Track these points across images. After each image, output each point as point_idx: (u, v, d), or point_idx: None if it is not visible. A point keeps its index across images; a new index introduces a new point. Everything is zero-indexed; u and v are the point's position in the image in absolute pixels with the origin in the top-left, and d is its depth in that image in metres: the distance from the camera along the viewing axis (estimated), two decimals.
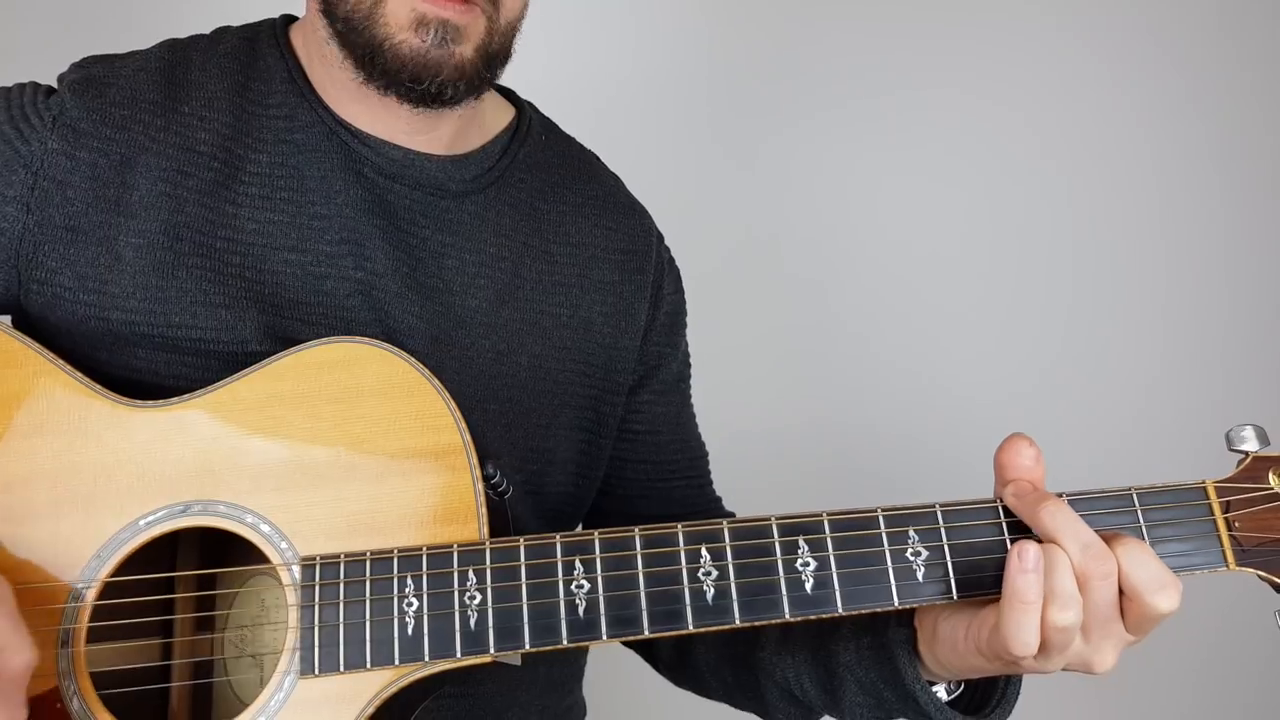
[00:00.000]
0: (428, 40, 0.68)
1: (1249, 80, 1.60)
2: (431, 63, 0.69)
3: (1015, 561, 0.56)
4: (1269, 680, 1.59)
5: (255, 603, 0.69)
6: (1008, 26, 1.58)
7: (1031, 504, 0.58)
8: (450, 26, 0.68)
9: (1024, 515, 0.59)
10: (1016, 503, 0.60)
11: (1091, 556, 0.56)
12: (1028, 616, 0.56)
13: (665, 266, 0.89)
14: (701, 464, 0.92)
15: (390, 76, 0.70)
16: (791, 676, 0.73)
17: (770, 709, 0.77)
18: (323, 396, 0.63)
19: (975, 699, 0.68)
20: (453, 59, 0.69)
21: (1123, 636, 0.58)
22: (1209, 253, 1.60)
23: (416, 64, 0.69)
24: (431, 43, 0.68)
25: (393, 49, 0.69)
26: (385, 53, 0.69)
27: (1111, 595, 0.56)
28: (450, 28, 0.68)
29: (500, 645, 0.58)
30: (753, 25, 1.56)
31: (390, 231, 0.74)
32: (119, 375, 0.67)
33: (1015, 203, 1.58)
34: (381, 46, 0.69)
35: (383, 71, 0.70)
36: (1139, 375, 1.58)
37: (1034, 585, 0.56)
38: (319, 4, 0.73)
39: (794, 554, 0.59)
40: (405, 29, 0.68)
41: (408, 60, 0.69)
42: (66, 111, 0.70)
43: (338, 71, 0.74)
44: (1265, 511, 0.60)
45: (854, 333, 1.56)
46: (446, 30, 0.68)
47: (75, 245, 0.69)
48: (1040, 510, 0.58)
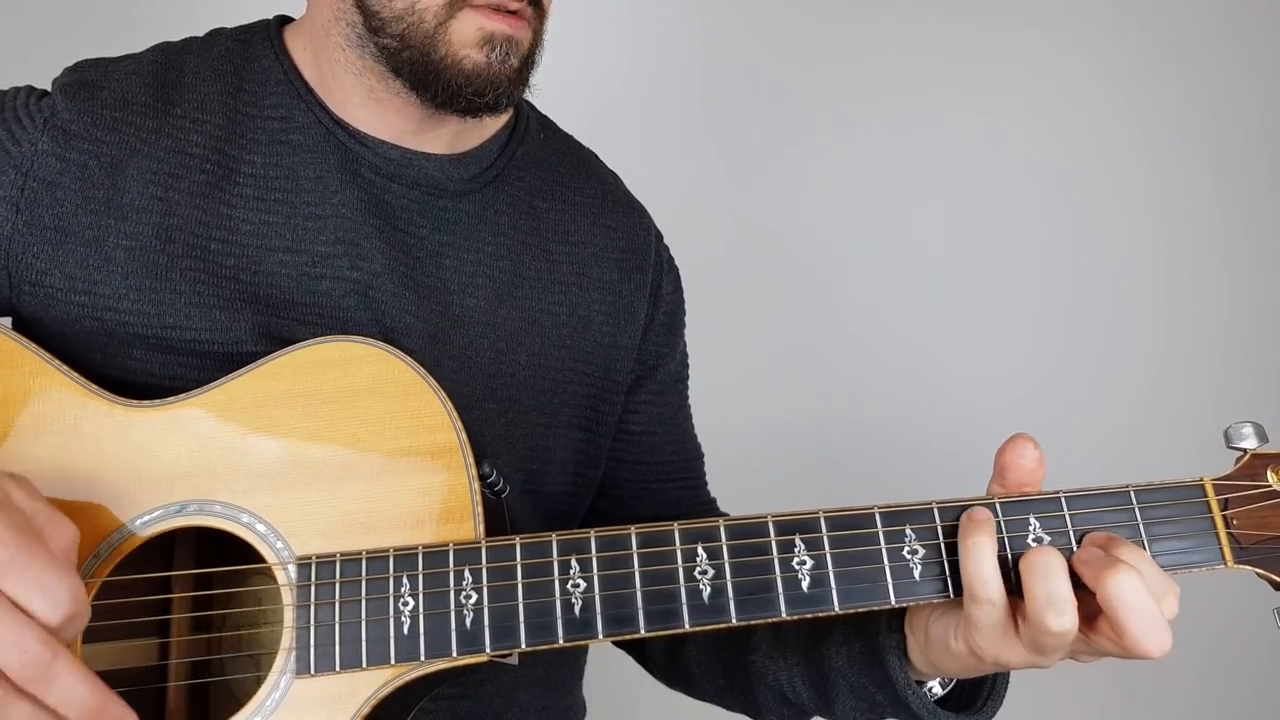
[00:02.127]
0: (493, 57, 0.70)
1: (1248, 80, 1.60)
2: (495, 77, 0.70)
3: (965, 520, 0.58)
4: (1268, 679, 1.58)
5: (252, 602, 0.69)
6: (1008, 26, 1.58)
7: (1099, 570, 0.55)
8: (514, 42, 0.70)
9: (1087, 579, 0.56)
10: (1083, 568, 0.56)
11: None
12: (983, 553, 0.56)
13: (665, 266, 0.89)
14: (697, 466, 0.92)
15: (453, 92, 0.71)
16: (784, 679, 0.73)
17: (762, 710, 0.77)
18: (319, 396, 0.63)
19: (966, 695, 0.68)
20: (509, 72, 0.71)
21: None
22: (1208, 252, 1.60)
23: (482, 79, 0.70)
24: (495, 59, 0.70)
25: (457, 65, 0.70)
26: (449, 69, 0.70)
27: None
28: (513, 43, 0.70)
29: (496, 645, 0.58)
30: (751, 23, 1.56)
31: (387, 231, 0.74)
32: (114, 376, 0.67)
33: (1014, 201, 1.58)
34: (443, 63, 0.70)
35: (445, 87, 0.70)
36: (1137, 373, 1.58)
37: (979, 529, 0.57)
38: (359, 19, 0.72)
39: (790, 553, 0.59)
40: (470, 46, 0.69)
41: (473, 77, 0.70)
42: (58, 113, 0.71)
43: (351, 77, 0.74)
44: (1264, 509, 0.60)
45: (851, 331, 1.56)
46: (510, 46, 0.70)
47: (64, 246, 0.69)
48: (1110, 582, 0.54)
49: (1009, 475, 0.60)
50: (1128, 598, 0.53)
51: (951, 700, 0.68)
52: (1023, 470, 0.60)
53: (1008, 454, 0.60)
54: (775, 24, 1.56)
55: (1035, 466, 0.60)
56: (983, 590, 0.56)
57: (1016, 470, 0.60)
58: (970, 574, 0.56)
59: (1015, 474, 0.60)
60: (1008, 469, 0.60)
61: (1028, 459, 0.60)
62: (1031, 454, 0.60)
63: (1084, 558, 0.57)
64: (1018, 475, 0.60)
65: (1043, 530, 0.59)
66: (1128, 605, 0.53)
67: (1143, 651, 0.54)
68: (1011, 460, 0.60)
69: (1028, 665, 0.59)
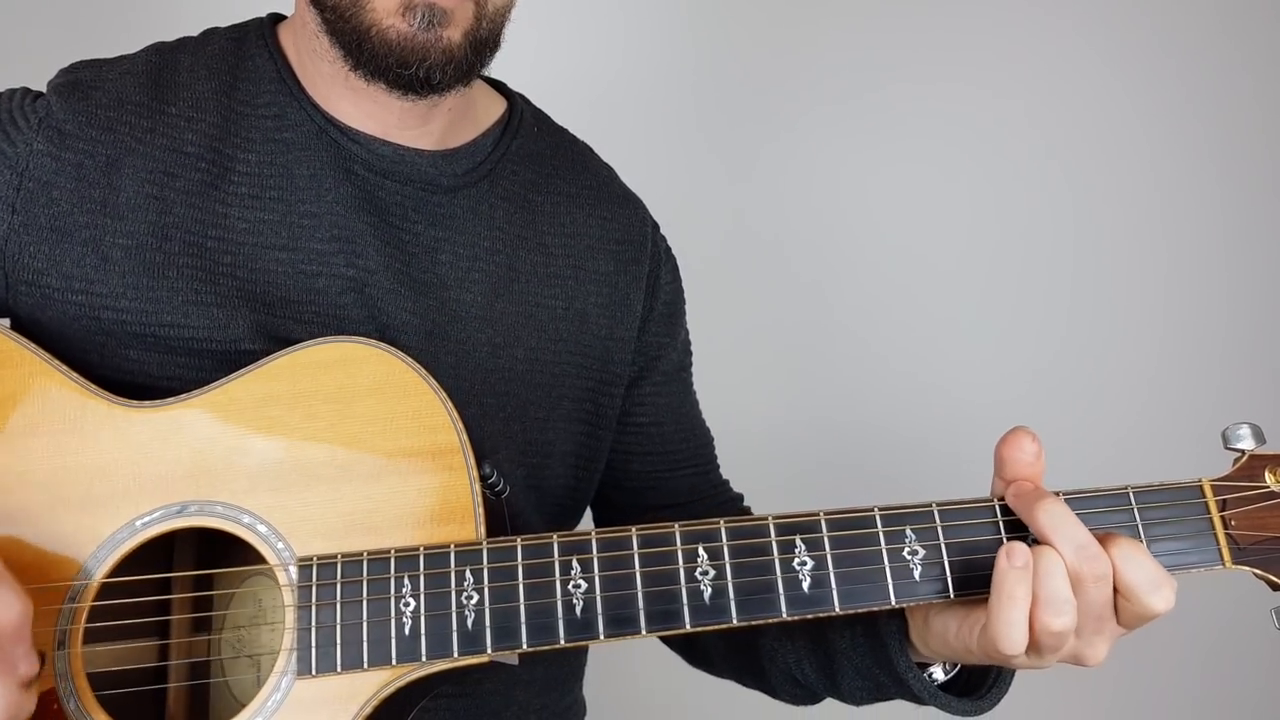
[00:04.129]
0: (415, 24, 0.68)
1: (1249, 80, 1.60)
2: (418, 46, 0.68)
3: (1003, 559, 0.56)
4: (1267, 678, 1.59)
5: (252, 603, 0.69)
6: (1007, 24, 1.58)
7: (1029, 502, 0.58)
8: (437, 10, 0.68)
9: (1021, 513, 0.59)
10: (1015, 501, 0.59)
11: (1086, 558, 0.56)
12: (1015, 613, 0.55)
13: (662, 256, 0.89)
14: (707, 451, 0.92)
15: (378, 62, 0.69)
16: (793, 661, 0.74)
17: (775, 690, 0.79)
18: (319, 396, 0.63)
19: (972, 679, 0.68)
20: (440, 43, 0.69)
21: (1115, 631, 0.58)
22: (1206, 251, 1.60)
23: (404, 48, 0.68)
24: (418, 26, 0.68)
25: (380, 34, 0.68)
26: (373, 38, 0.69)
27: (1106, 596, 0.56)
28: (437, 11, 0.68)
29: (497, 645, 0.58)
30: (747, 18, 1.56)
31: (381, 228, 0.74)
32: (111, 377, 0.67)
33: (1014, 200, 1.58)
34: (369, 32, 0.69)
35: (370, 57, 0.69)
36: (1136, 374, 1.58)
37: (1020, 581, 0.55)
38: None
39: (791, 553, 0.59)
40: (392, 14, 0.68)
41: (394, 44, 0.68)
42: (53, 114, 0.71)
43: (327, 65, 0.74)
44: (1261, 510, 0.60)
45: (850, 330, 1.56)
46: (433, 14, 0.68)
47: (61, 246, 0.69)
48: (1037, 509, 0.57)
49: (1007, 469, 0.60)
50: (1055, 521, 0.56)
51: (955, 686, 0.68)
52: (1021, 464, 0.60)
53: (1006, 448, 0.60)
54: (772, 18, 1.56)
55: (1034, 460, 0.60)
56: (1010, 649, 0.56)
57: (1015, 464, 0.60)
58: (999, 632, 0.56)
59: (1014, 468, 0.60)
60: (1006, 463, 0.60)
61: (1026, 453, 0.60)
62: (1030, 448, 0.60)
63: (1016, 490, 0.59)
64: (1016, 469, 0.60)
65: None
66: (1055, 530, 0.56)
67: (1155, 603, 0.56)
68: (1010, 454, 0.60)
69: (1026, 666, 0.59)
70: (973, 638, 0.59)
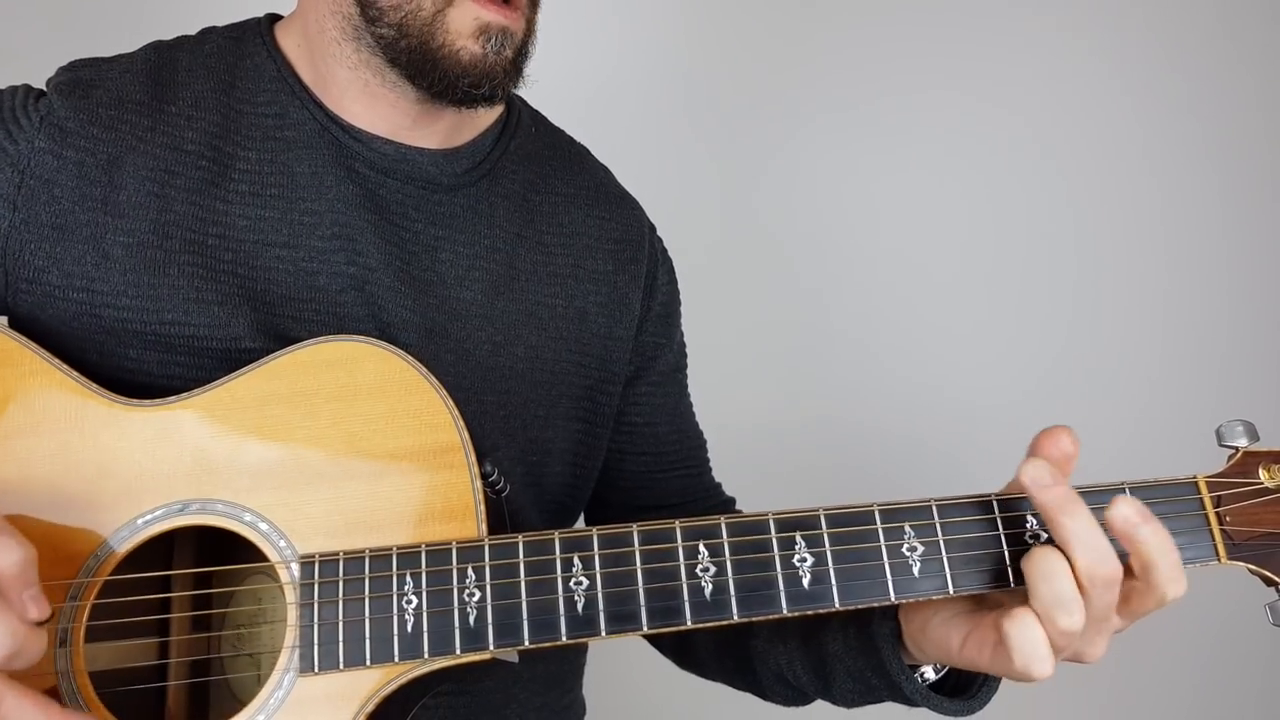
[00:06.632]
0: (488, 48, 0.70)
1: (1249, 80, 1.61)
2: (490, 68, 0.71)
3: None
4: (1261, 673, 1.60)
5: (252, 602, 0.69)
6: (1007, 26, 1.59)
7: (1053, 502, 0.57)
8: (509, 33, 0.71)
9: (1042, 509, 0.57)
10: (1036, 492, 0.57)
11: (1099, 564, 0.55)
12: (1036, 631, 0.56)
13: (659, 257, 0.90)
14: (700, 454, 0.93)
15: (448, 81, 0.71)
16: (784, 663, 0.74)
17: (767, 692, 0.79)
18: (320, 395, 0.63)
19: (961, 679, 0.69)
20: (503, 63, 0.71)
21: (1115, 626, 0.59)
22: (1206, 252, 1.61)
23: (478, 70, 0.71)
24: (492, 49, 0.70)
25: (453, 56, 0.70)
26: (445, 59, 0.70)
27: (1113, 599, 0.57)
28: (508, 34, 0.71)
29: (500, 642, 0.58)
30: (744, 20, 1.56)
31: (382, 226, 0.74)
32: (112, 376, 0.67)
33: (1013, 199, 1.59)
34: (440, 53, 0.70)
35: (441, 77, 0.71)
36: (1132, 373, 1.59)
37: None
38: (355, 10, 0.72)
39: (791, 550, 0.60)
40: (466, 36, 0.70)
41: (469, 67, 0.70)
42: (54, 112, 0.71)
43: (346, 71, 0.74)
44: (1255, 506, 0.61)
45: (847, 331, 1.56)
46: (505, 37, 0.71)
47: (62, 244, 0.69)
48: (1060, 514, 0.56)
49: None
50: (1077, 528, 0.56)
51: (944, 686, 0.69)
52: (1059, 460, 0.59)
53: (1043, 446, 0.60)
54: (769, 21, 1.56)
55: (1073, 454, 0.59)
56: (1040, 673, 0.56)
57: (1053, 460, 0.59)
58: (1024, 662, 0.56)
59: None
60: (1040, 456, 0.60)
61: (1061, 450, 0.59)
62: (1067, 446, 0.59)
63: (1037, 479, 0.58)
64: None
65: (1039, 527, 0.60)
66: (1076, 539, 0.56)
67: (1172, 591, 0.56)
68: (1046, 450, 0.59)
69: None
70: (984, 657, 0.59)
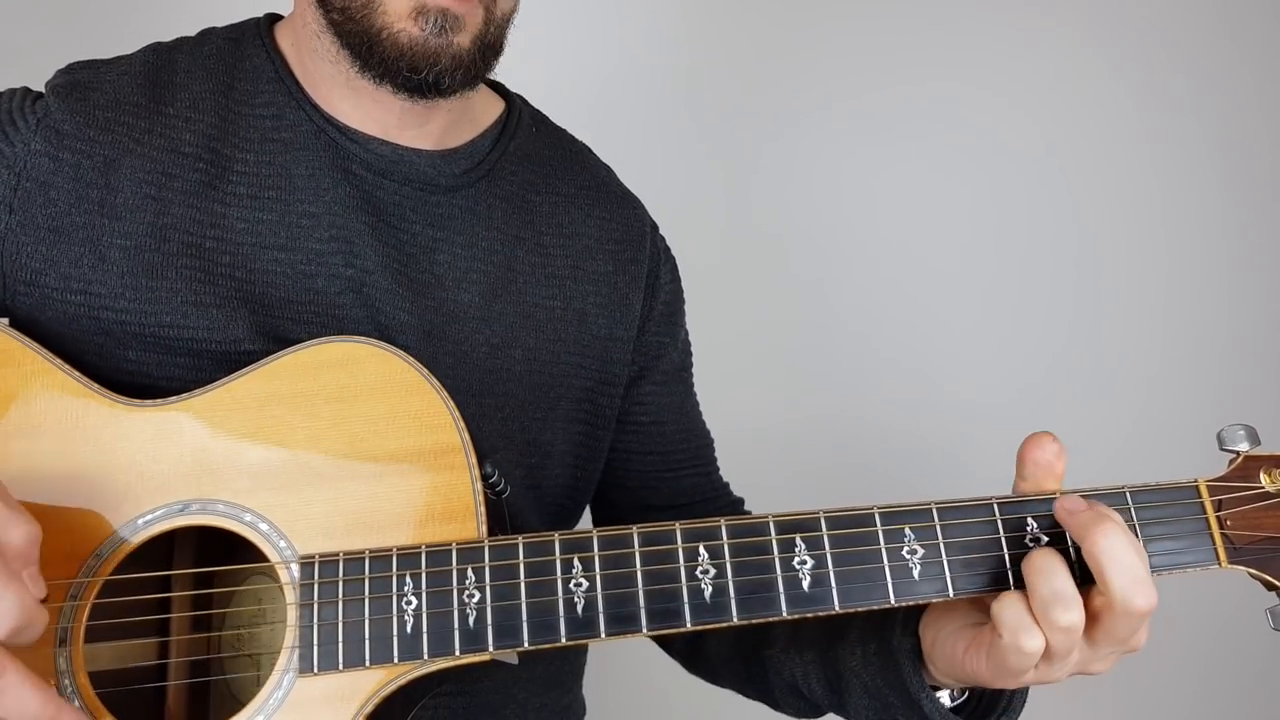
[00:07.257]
0: (427, 29, 0.68)
1: (1249, 80, 1.61)
2: (430, 52, 0.69)
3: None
4: (1262, 677, 1.60)
5: (252, 602, 0.69)
6: (1010, 26, 1.58)
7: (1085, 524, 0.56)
8: (450, 16, 0.68)
9: (1075, 534, 0.57)
10: (1067, 518, 0.58)
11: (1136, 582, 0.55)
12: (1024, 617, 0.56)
13: (661, 256, 0.89)
14: (707, 452, 0.93)
15: (387, 65, 0.70)
16: (799, 675, 0.74)
17: (779, 703, 0.78)
18: (321, 396, 0.63)
19: (982, 706, 0.68)
20: (450, 48, 0.69)
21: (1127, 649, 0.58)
22: (1206, 252, 1.61)
23: (415, 53, 0.69)
24: (430, 31, 0.68)
25: (391, 37, 0.68)
26: (383, 41, 0.69)
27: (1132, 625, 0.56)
28: (450, 17, 0.68)
29: (499, 643, 0.58)
30: (746, 17, 1.56)
31: (380, 228, 0.74)
32: (111, 377, 0.67)
33: (1014, 199, 1.59)
34: (379, 35, 0.69)
35: (380, 60, 0.69)
36: (1135, 375, 1.59)
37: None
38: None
39: (791, 552, 0.60)
40: (404, 18, 0.68)
41: (406, 49, 0.69)
42: (51, 114, 0.70)
43: (329, 65, 0.74)
44: (1256, 510, 0.61)
45: (849, 330, 1.56)
46: (446, 19, 0.68)
47: (59, 246, 0.69)
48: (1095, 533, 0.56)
49: (1028, 469, 0.61)
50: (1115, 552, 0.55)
51: (964, 710, 0.68)
52: (1042, 464, 0.60)
53: (1028, 449, 0.61)
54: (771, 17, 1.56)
55: (1054, 460, 0.60)
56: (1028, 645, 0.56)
57: (1036, 465, 0.61)
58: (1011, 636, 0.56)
59: (1034, 468, 0.61)
60: (1027, 463, 0.61)
61: (1047, 452, 0.60)
62: (1051, 447, 0.60)
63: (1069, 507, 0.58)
64: (1037, 470, 0.61)
65: (1040, 530, 0.60)
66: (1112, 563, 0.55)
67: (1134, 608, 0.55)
68: (1031, 455, 0.61)
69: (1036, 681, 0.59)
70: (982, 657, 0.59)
